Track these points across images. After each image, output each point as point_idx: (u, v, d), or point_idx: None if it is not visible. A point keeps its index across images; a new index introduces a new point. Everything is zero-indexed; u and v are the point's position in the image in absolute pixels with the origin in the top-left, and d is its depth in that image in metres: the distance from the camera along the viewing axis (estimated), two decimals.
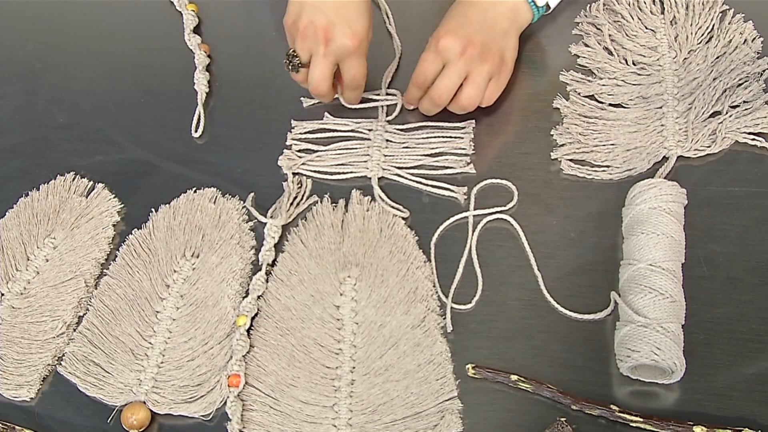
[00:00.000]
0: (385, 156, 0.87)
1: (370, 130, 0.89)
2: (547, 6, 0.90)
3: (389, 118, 0.90)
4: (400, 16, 0.99)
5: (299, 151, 0.89)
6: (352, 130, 0.89)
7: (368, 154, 0.87)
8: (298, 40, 0.82)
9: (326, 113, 0.91)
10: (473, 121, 0.88)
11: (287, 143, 0.89)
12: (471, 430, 0.70)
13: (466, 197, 0.83)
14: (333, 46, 0.81)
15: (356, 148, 0.88)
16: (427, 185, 0.85)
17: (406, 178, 0.86)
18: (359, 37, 0.81)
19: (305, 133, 0.90)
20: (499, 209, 0.82)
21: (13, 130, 0.93)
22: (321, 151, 0.88)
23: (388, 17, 0.99)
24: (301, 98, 0.92)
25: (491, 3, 0.86)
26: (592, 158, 0.85)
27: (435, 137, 0.88)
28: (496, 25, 0.85)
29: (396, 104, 0.91)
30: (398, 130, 0.89)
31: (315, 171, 0.87)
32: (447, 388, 0.72)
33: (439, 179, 0.85)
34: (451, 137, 0.88)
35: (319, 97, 0.87)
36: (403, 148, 0.88)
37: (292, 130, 0.90)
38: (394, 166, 0.86)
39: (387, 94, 0.92)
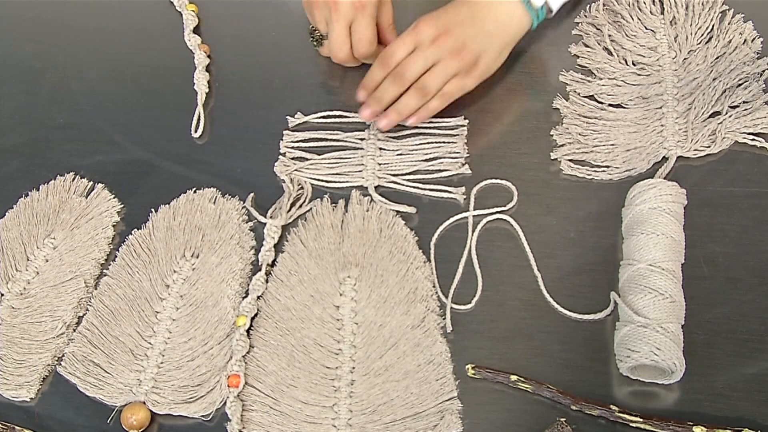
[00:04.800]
0: (380, 164, 0.87)
1: (362, 139, 0.88)
2: (549, 10, 0.88)
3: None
4: (401, 16, 0.99)
5: (293, 158, 0.88)
6: (343, 140, 0.89)
7: (362, 164, 0.87)
8: (314, 13, 0.87)
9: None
10: (462, 117, 0.88)
11: (281, 151, 0.89)
12: (471, 430, 0.70)
13: (465, 197, 0.83)
14: (342, 8, 0.84)
15: (350, 158, 0.87)
16: (425, 189, 0.84)
17: (402, 185, 0.85)
18: None
19: (297, 141, 0.89)
20: (498, 209, 0.82)
21: (13, 130, 0.93)
22: (315, 160, 0.87)
23: None
24: (287, 116, 0.91)
25: (486, 3, 0.84)
26: (591, 158, 0.85)
27: (428, 143, 0.87)
28: (482, 25, 0.84)
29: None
30: (391, 137, 0.88)
31: (311, 179, 0.86)
32: (447, 388, 0.72)
33: (436, 183, 0.85)
34: (444, 142, 0.87)
35: (342, 62, 0.89)
36: (397, 155, 0.87)
37: (284, 139, 0.89)
38: (390, 174, 0.86)
39: None
